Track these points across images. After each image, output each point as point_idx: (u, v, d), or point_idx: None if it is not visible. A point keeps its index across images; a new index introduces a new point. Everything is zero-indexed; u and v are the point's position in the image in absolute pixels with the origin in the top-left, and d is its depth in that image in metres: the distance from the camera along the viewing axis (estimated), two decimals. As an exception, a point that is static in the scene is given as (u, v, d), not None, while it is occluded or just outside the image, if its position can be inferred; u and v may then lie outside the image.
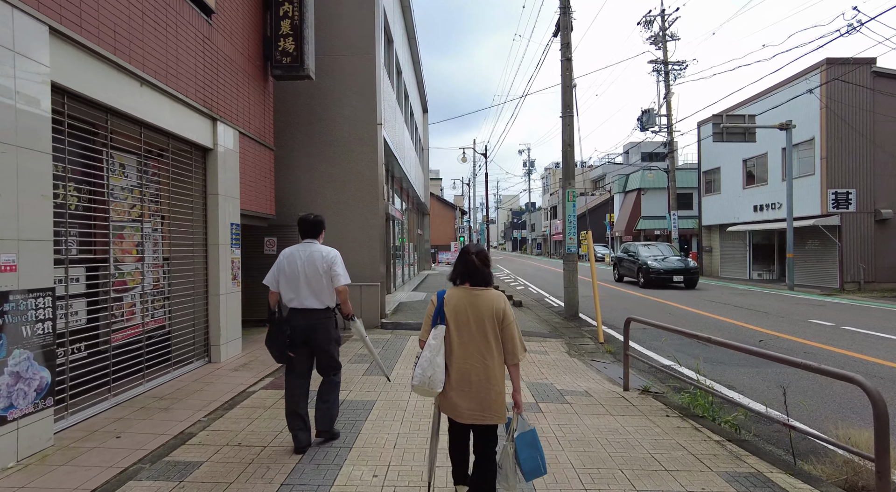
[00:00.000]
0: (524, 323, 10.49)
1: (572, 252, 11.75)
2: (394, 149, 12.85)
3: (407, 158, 18.39)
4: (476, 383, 2.58)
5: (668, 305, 13.53)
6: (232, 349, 6.54)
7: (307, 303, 3.68)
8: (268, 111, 8.09)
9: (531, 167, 69.02)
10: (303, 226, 3.87)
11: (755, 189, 21.15)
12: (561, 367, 6.80)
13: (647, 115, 25.50)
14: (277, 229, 9.34)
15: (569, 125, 11.76)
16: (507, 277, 26.04)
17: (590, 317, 11.70)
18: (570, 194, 11.71)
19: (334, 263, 3.73)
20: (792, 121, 17.14)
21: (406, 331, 8.85)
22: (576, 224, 11.71)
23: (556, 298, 15.80)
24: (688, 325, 10.29)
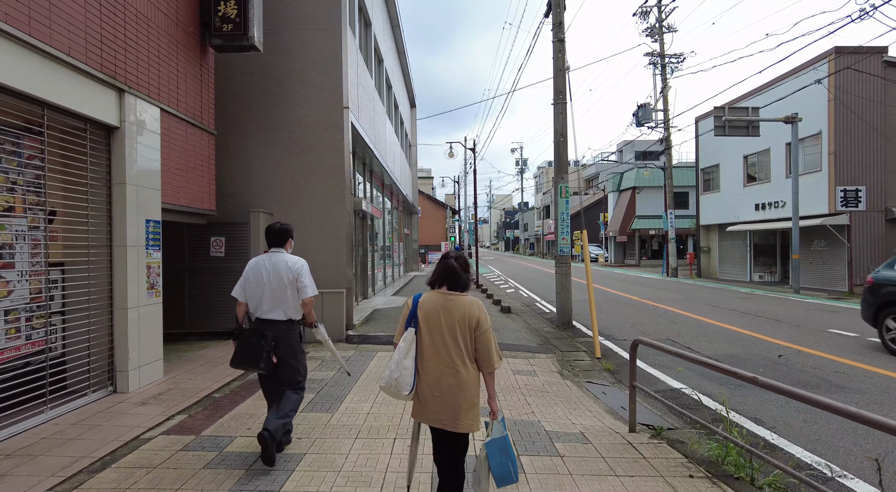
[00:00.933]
0: (512, 333, 9.34)
1: (565, 253, 10.62)
2: (370, 140, 11.66)
3: (389, 153, 17.22)
4: (447, 388, 2.54)
5: (668, 311, 12.43)
6: (147, 375, 5.32)
7: (269, 314, 3.58)
8: (207, 88, 6.87)
9: (524, 166, 68.05)
10: (268, 235, 3.77)
11: (757, 187, 20.15)
12: (551, 393, 5.64)
13: (643, 110, 24.47)
14: (227, 228, 8.13)
15: (561, 113, 10.62)
16: (497, 278, 24.88)
17: (584, 325, 10.57)
18: (563, 190, 10.57)
19: (301, 273, 3.63)
20: (798, 114, 16.13)
21: (374, 346, 7.66)
22: (569, 223, 10.58)
23: (547, 302, 14.67)
24: (694, 334, 9.19)
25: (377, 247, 15.79)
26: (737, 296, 15.66)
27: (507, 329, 9.77)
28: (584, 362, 7.46)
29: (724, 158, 22.41)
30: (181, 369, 6.06)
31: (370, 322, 9.62)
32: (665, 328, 10.04)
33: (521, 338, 8.90)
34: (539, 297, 16.27)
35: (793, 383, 6.16)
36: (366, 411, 4.67)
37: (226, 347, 7.47)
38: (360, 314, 10.20)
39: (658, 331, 9.80)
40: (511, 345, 8.15)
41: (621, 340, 9.03)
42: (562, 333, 9.81)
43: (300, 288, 3.62)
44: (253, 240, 7.95)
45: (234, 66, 8.58)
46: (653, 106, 24.53)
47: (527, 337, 9.06)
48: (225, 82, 8.56)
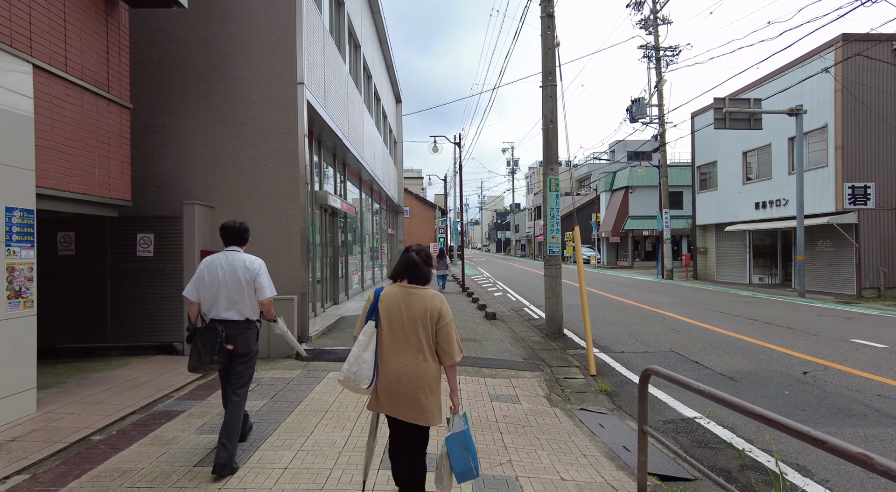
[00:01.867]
0: (495, 345, 8.17)
1: (555, 254, 9.48)
2: (340, 129, 10.47)
3: (369, 148, 16.03)
4: (407, 381, 2.52)
5: (668, 317, 11.33)
6: (7, 412, 4.08)
7: (225, 315, 3.46)
8: (117, 51, 5.64)
9: (515, 167, 67.02)
10: (226, 232, 3.65)
11: (757, 185, 19.18)
12: (536, 429, 4.47)
13: (637, 105, 23.46)
14: (157, 223, 6.89)
15: (550, 96, 9.50)
16: (485, 281, 23.74)
17: (577, 334, 9.43)
18: (553, 183, 9.44)
19: (258, 273, 3.53)
20: (803, 106, 15.14)
21: (328, 364, 6.45)
22: (559, 219, 9.46)
23: (537, 307, 13.53)
24: (700, 345, 8.07)
25: (353, 247, 14.56)
26: (738, 300, 14.62)
27: (490, 339, 8.61)
28: (577, 382, 6.31)
29: (722, 154, 21.44)
30: (71, 397, 4.82)
31: (332, 333, 8.40)
32: (667, 338, 8.93)
33: (504, 350, 7.74)
34: (528, 301, 15.14)
35: (831, 410, 5.05)
36: (283, 464, 3.47)
37: (149, 365, 6.23)
38: (323, 322, 8.98)
39: (659, 341, 8.68)
40: (492, 361, 6.98)
41: (618, 353, 7.90)
42: (551, 343, 8.66)
43: (258, 289, 3.51)
44: (187, 237, 6.72)
45: (170, 34, 7.35)
46: (647, 101, 23.54)
47: (511, 349, 7.89)
48: (158, 54, 7.33)
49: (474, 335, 8.87)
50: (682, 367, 6.93)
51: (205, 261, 3.56)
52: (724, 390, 5.83)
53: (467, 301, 14.77)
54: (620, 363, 7.22)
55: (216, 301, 3.44)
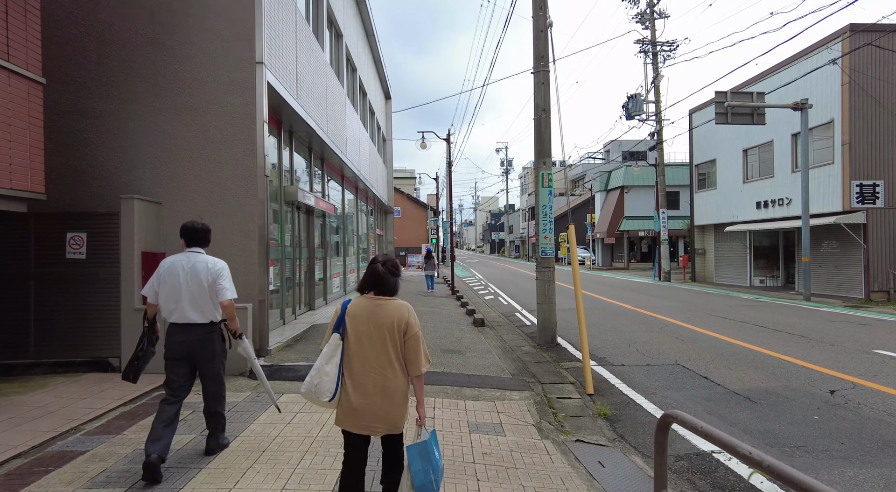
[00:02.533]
0: (481, 357, 7.34)
1: (548, 255, 8.66)
2: (314, 120, 9.63)
3: (352, 143, 15.17)
4: (373, 393, 2.47)
5: (669, 323, 10.53)
6: None
7: (189, 317, 3.39)
8: (20, 12, 4.74)
9: (509, 167, 66.28)
10: (187, 233, 3.54)
11: (758, 183, 18.46)
12: (522, 472, 3.64)
13: (633, 101, 22.73)
14: (91, 221, 6.01)
15: (543, 83, 8.68)
16: (476, 283, 22.90)
17: (572, 343, 8.62)
18: (546, 178, 8.63)
19: (220, 275, 3.45)
20: (808, 100, 14.41)
21: (286, 383, 5.58)
22: (553, 218, 8.64)
23: (529, 312, 12.71)
24: (709, 356, 7.26)
25: (334, 248, 13.69)
26: (742, 304, 13.86)
27: (476, 350, 7.77)
28: (573, 403, 5.49)
29: (722, 152, 20.73)
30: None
31: (298, 345, 7.52)
32: (670, 347, 8.12)
33: (491, 364, 6.89)
34: (520, 305, 14.31)
35: (876, 443, 4.23)
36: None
37: (73, 386, 5.34)
38: (290, 332, 8.11)
39: (662, 351, 7.88)
40: (476, 378, 6.14)
41: (617, 366, 7.08)
42: (544, 354, 7.84)
43: (219, 290, 3.44)
44: (125, 236, 5.85)
45: (110, 6, 6.47)
46: (644, 97, 22.81)
47: (499, 362, 7.05)
48: (97, 28, 6.45)
49: (459, 346, 8.03)
50: (691, 384, 6.12)
51: (164, 262, 3.46)
52: (743, 413, 5.03)
53: (455, 305, 13.93)
54: (621, 379, 6.40)
55: (178, 304, 3.37)
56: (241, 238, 6.46)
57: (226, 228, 6.40)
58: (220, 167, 6.50)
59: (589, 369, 5.98)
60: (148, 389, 5.19)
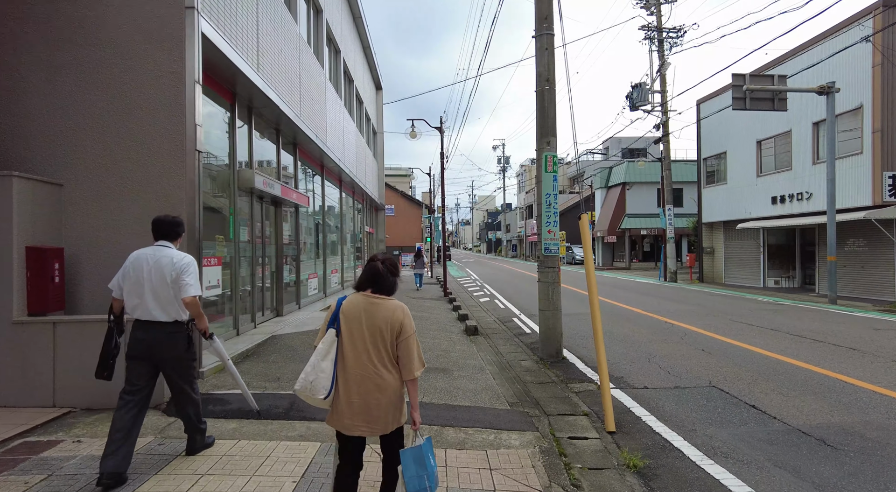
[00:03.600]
0: (472, 379, 5.98)
1: (552, 253, 7.30)
2: (281, 98, 8.28)
3: (334, 131, 13.79)
4: (366, 393, 2.43)
5: (690, 331, 9.19)
6: None
7: (152, 314, 3.25)
8: None
9: (506, 164, 64.98)
10: (156, 226, 3.44)
11: (774, 177, 17.16)
12: None
13: (637, 91, 21.43)
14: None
15: (546, 49, 7.32)
16: (471, 284, 21.53)
17: (581, 356, 7.26)
18: (550, 161, 7.27)
19: (185, 271, 3.28)
20: (835, 83, 13.10)
21: (216, 420, 4.19)
22: (557, 209, 7.29)
23: (528, 317, 11.35)
24: (750, 375, 5.91)
25: (311, 245, 12.29)
26: (762, 307, 12.54)
27: (466, 368, 6.41)
28: (590, 446, 4.13)
29: (733, 144, 19.43)
30: None
31: (246, 362, 6.12)
32: (697, 363, 6.78)
33: (484, 388, 5.53)
34: (518, 309, 12.95)
35: None
36: None
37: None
38: (243, 345, 6.71)
39: (689, 368, 6.53)
40: (463, 410, 4.77)
41: (639, 389, 5.73)
42: (548, 372, 6.48)
43: (182, 286, 3.25)
44: (2, 221, 4.46)
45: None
46: (649, 86, 21.50)
47: (494, 385, 5.69)
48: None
49: (446, 362, 6.66)
50: (738, 416, 4.77)
51: (132, 255, 3.36)
52: (826, 466, 3.67)
53: (447, 309, 12.57)
54: (647, 409, 5.05)
55: (142, 300, 3.24)
56: (164, 230, 5.06)
57: (145, 216, 5.00)
58: (139, 140, 5.11)
59: (609, 400, 4.61)
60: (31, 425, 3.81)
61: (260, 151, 8.76)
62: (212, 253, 6.40)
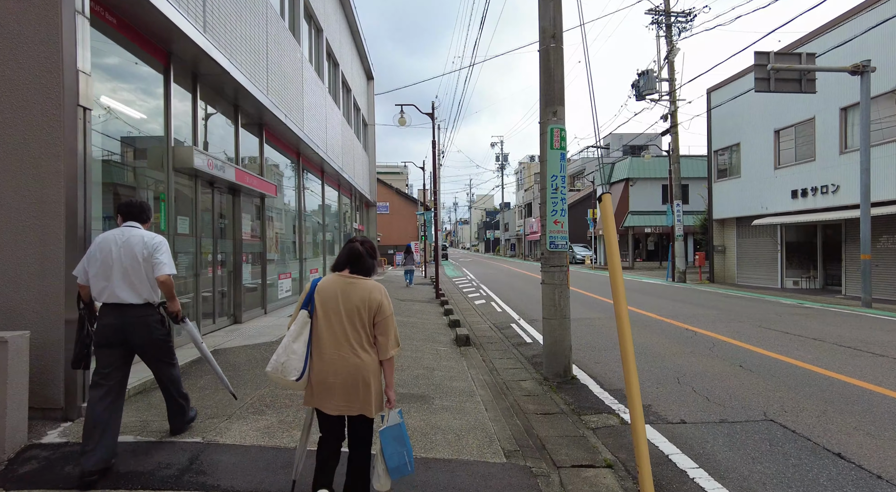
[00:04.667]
0: (457, 410, 4.65)
1: (559, 248, 5.95)
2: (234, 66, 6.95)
3: (314, 115, 12.43)
4: (343, 373, 2.42)
5: (718, 341, 7.85)
6: None
7: (122, 296, 3.12)
8: None
9: (504, 162, 63.62)
10: (123, 209, 3.34)
11: (795, 169, 15.83)
12: None
13: (644, 78, 20.11)
14: None
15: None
16: (467, 284, 20.16)
17: (594, 375, 5.89)
18: (556, 135, 5.91)
19: (157, 249, 3.20)
20: (871, 61, 11.77)
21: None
22: (565, 194, 5.95)
23: (528, 322, 9.98)
24: (814, 401, 4.56)
25: (279, 241, 10.90)
26: (790, 311, 11.21)
27: (452, 394, 5.05)
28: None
29: (748, 135, 18.10)
30: None
31: (151, 395, 4.75)
32: (741, 385, 5.43)
33: (472, 427, 4.17)
34: (517, 313, 11.58)
35: None
36: None
37: None
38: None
39: (733, 391, 5.18)
40: (444, 464, 3.40)
41: (676, 424, 4.39)
42: (555, 398, 5.13)
43: (155, 265, 3.17)
44: None
45: None
46: (656, 74, 20.17)
47: (486, 423, 4.32)
48: None
49: (426, 384, 5.30)
50: (822, 471, 3.42)
51: (97, 239, 3.21)
52: None
53: (437, 313, 11.21)
54: (692, 458, 3.70)
55: (109, 282, 3.10)
56: (33, 212, 3.70)
57: (3, 194, 3.65)
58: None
59: (646, 458, 3.23)
60: None
61: (211, 129, 7.40)
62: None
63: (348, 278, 2.48)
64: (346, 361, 2.39)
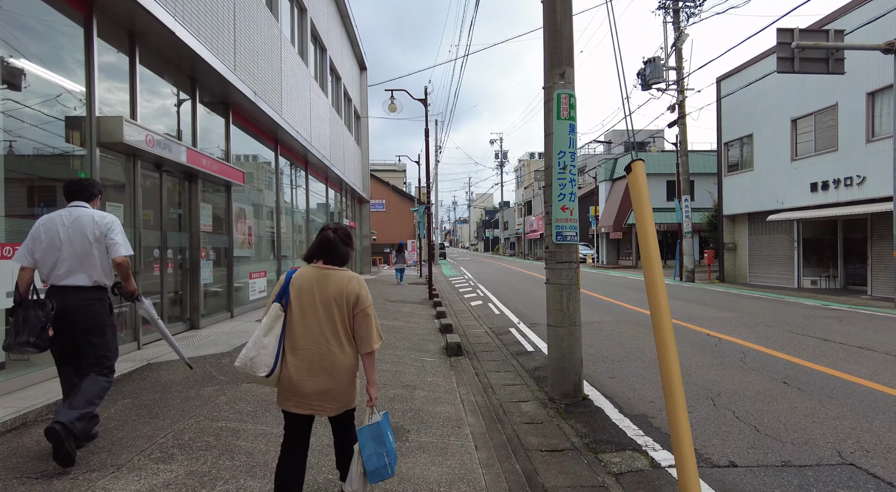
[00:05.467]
0: (436, 451, 3.59)
1: (567, 241, 4.90)
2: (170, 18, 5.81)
3: (295, 99, 11.39)
4: (319, 370, 2.27)
5: (749, 349, 6.79)
6: None
7: (71, 279, 3.01)
8: None
9: (504, 159, 62.54)
10: (70, 187, 3.17)
11: (814, 160, 14.77)
12: None
13: (650, 66, 19.05)
14: None
15: (560, -67, 4.88)
16: (464, 284, 19.09)
17: (610, 395, 4.79)
18: (564, 101, 4.84)
19: (111, 229, 3.07)
20: (904, 38, 10.71)
21: None
22: (576, 175, 4.89)
23: (530, 327, 8.87)
24: (885, 425, 3.54)
25: (253, 237, 9.82)
26: (817, 314, 10.15)
27: (435, 422, 4.00)
28: None
29: (761, 125, 17.03)
30: None
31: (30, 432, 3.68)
32: (793, 408, 4.36)
33: (457, 480, 3.10)
34: (516, 315, 10.51)
35: None
36: None
37: None
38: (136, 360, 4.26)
39: (786, 418, 4.11)
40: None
41: (724, 467, 3.35)
42: (564, 427, 4.06)
43: (110, 246, 3.06)
44: None
45: None
46: (663, 62, 19.10)
47: (475, 471, 3.25)
48: None
49: (404, 410, 4.23)
50: None
51: (41, 219, 3.06)
52: None
53: (429, 316, 10.14)
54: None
55: (57, 265, 2.99)
56: None
57: None
58: None
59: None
60: None
61: (156, 102, 6.33)
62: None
63: (323, 269, 2.36)
64: (323, 357, 2.27)
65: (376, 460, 2.28)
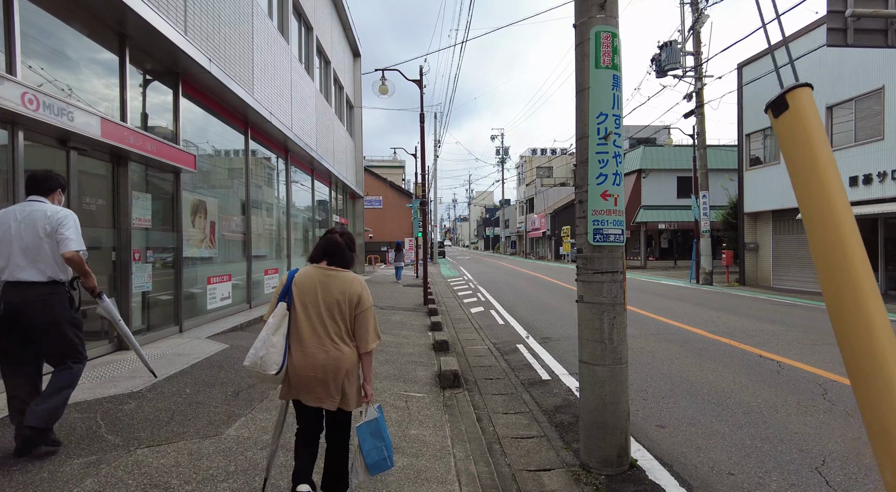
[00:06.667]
0: None
1: (612, 242, 3.41)
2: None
3: (273, 81, 9.92)
4: (322, 367, 2.36)
5: (830, 382, 5.34)
6: None
7: (22, 274, 2.92)
8: None
9: (505, 156, 61.00)
10: (28, 181, 3.11)
11: (854, 151, 13.32)
12: None
13: (667, 51, 17.55)
14: None
15: None
16: (463, 287, 17.60)
17: (673, 465, 3.17)
18: (605, 44, 3.34)
19: (62, 224, 2.97)
20: (976, 6, 9.23)
21: None
22: (620, 148, 3.40)
23: (541, 342, 7.34)
24: None
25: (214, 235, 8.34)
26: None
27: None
28: None
29: (789, 114, 15.53)
30: None
31: None
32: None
33: None
34: (524, 327, 9.02)
35: None
36: None
37: None
38: None
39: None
40: None
41: None
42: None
43: (60, 241, 2.96)
44: None
45: None
46: (681, 46, 17.62)
47: None
48: None
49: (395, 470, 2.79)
50: None
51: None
52: None
53: (421, 327, 8.68)
54: None
55: (11, 259, 2.92)
56: None
57: None
58: None
59: None
60: None
61: (55, 59, 4.86)
62: None
63: (327, 270, 2.44)
64: (327, 354, 2.35)
65: (376, 453, 2.39)
